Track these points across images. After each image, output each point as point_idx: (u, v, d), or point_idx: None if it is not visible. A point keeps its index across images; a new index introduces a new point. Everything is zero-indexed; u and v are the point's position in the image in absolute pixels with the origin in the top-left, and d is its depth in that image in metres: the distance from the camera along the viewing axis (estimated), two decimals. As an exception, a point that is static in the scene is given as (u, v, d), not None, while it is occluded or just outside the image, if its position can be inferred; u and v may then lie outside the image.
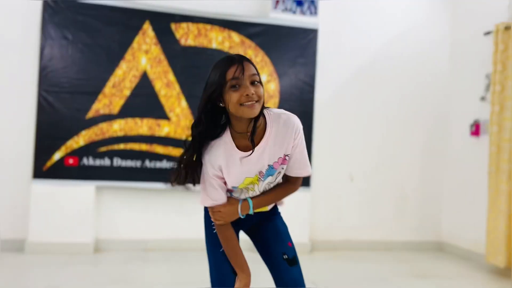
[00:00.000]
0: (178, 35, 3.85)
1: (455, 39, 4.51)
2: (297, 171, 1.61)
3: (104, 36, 3.71)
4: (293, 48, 4.06)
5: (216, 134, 1.50)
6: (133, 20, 3.77)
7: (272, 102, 4.01)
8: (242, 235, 1.78)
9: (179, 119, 3.84)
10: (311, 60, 4.09)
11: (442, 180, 4.53)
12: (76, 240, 3.67)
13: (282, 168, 1.60)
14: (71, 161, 3.67)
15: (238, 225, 1.68)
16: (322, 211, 4.27)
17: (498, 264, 3.55)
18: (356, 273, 3.56)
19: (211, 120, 1.47)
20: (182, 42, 3.87)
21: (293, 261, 1.65)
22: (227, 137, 1.51)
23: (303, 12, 4.09)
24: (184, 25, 3.86)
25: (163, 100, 3.82)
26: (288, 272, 1.62)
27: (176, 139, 3.82)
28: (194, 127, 1.49)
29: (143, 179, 3.80)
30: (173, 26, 3.84)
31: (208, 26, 3.90)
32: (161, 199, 3.93)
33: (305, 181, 4.04)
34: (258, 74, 1.47)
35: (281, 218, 1.79)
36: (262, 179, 1.57)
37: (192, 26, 3.88)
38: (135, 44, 3.77)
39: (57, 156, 3.63)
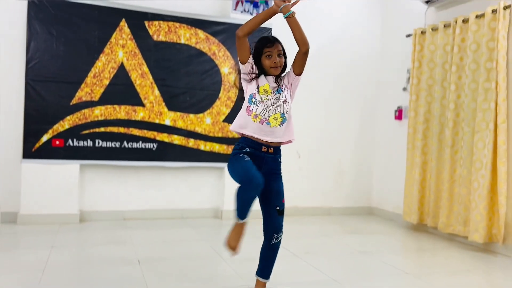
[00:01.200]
0: (151, 31, 4.39)
1: (383, 39, 5.40)
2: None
3: (85, 31, 4.18)
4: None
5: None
6: (111, 17, 4.26)
7: (233, 91, 4.68)
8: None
9: (152, 106, 4.42)
10: (265, 55, 4.79)
11: (372, 156, 5.46)
12: (63, 212, 4.19)
13: (287, 92, 2.32)
14: (57, 142, 4.15)
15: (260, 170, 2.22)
16: (275, 183, 5.04)
17: (412, 221, 4.52)
18: (301, 231, 4.37)
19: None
20: (155, 37, 4.42)
21: (282, 212, 2.31)
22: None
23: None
24: (156, 23, 4.41)
25: (138, 89, 4.37)
26: (276, 219, 2.29)
27: (150, 122, 4.41)
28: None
29: (121, 158, 4.36)
30: (146, 23, 4.38)
31: (177, 24, 4.47)
32: (137, 175, 4.51)
33: (261, 158, 4.79)
34: (283, 49, 2.28)
35: (281, 178, 2.36)
36: (274, 92, 2.27)
37: (163, 24, 4.43)
38: (113, 39, 4.27)
39: (44, 138, 4.10)
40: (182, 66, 4.50)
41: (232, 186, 4.58)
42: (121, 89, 4.32)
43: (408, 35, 4.82)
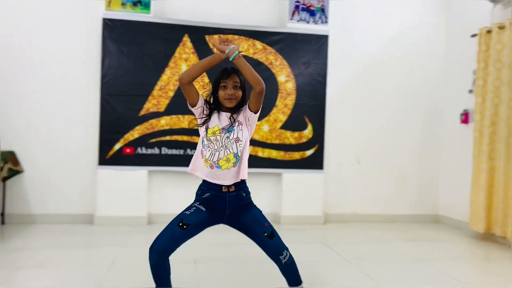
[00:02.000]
0: (211, 45, 4.64)
1: (447, 39, 5.20)
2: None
3: (151, 48, 4.53)
4: (307, 52, 4.82)
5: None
6: (174, 33, 4.57)
7: (290, 98, 4.79)
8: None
9: (213, 115, 4.66)
10: (322, 62, 4.84)
11: (437, 162, 5.26)
12: (133, 214, 4.55)
13: (241, 130, 2.18)
14: (128, 150, 4.53)
15: (220, 217, 2.23)
16: (334, 189, 5.05)
17: (479, 230, 4.29)
18: (357, 237, 4.34)
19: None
20: (215, 50, 4.64)
21: (272, 235, 2.22)
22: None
23: (315, 22, 4.83)
24: (216, 36, 4.65)
25: (200, 99, 4.63)
26: (271, 243, 2.22)
27: (212, 131, 4.64)
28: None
29: (185, 164, 4.61)
30: (207, 37, 4.64)
31: (236, 36, 4.69)
32: (199, 181, 4.76)
33: (319, 165, 4.85)
34: (242, 82, 2.19)
35: (255, 206, 2.29)
36: (224, 132, 2.17)
37: (223, 37, 4.66)
38: (176, 54, 4.58)
39: (117, 146, 4.50)
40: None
41: (290, 192, 4.72)
42: (184, 100, 4.57)
43: (473, 35, 4.61)
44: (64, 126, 4.53)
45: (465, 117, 4.84)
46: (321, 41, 4.83)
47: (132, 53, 4.50)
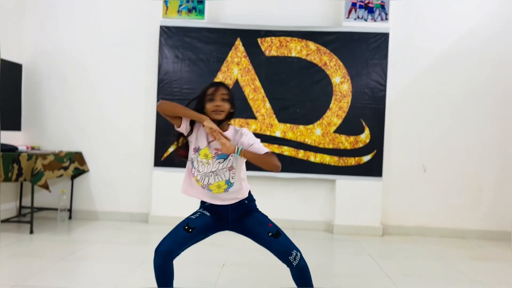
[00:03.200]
0: (263, 47, 4.60)
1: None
2: (260, 151, 2.09)
3: (205, 52, 4.62)
4: (365, 51, 4.54)
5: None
6: (227, 38, 4.61)
7: (345, 101, 4.55)
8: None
9: (264, 118, 4.60)
10: (382, 61, 4.53)
11: (521, 172, 4.60)
12: (184, 214, 4.64)
13: (231, 159, 2.10)
14: (180, 152, 4.64)
15: (225, 223, 2.18)
16: (395, 198, 4.67)
17: None
18: (411, 252, 3.92)
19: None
20: (267, 53, 4.61)
21: (277, 234, 2.08)
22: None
23: (374, 19, 4.54)
24: (268, 39, 4.60)
25: (251, 103, 4.61)
26: (277, 243, 2.07)
27: (262, 134, 4.58)
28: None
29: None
30: (259, 40, 4.60)
31: (288, 38, 4.59)
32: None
33: (377, 171, 4.53)
34: (230, 95, 2.13)
35: (258, 210, 2.23)
36: (216, 157, 2.10)
37: (275, 39, 4.60)
38: (229, 58, 4.62)
39: (171, 149, 4.65)
40: (292, 79, 4.58)
41: (344, 200, 4.46)
42: (236, 104, 4.60)
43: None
44: (127, 129, 4.81)
45: (553, 121, 4.17)
46: (381, 39, 4.52)
47: (186, 58, 4.63)
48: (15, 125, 4.68)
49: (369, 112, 4.55)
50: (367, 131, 4.55)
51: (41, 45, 4.80)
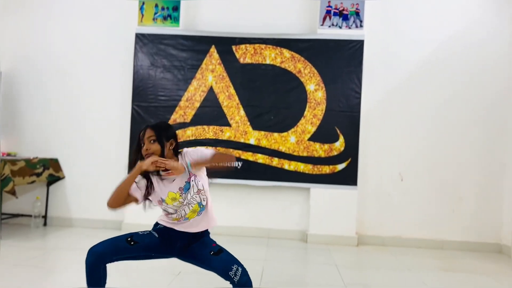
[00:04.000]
0: (237, 55, 4.59)
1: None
2: (207, 154, 2.14)
3: (179, 60, 4.62)
4: (339, 59, 4.50)
5: None
6: (202, 45, 4.61)
7: (319, 108, 4.50)
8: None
9: (238, 125, 4.56)
10: (357, 69, 4.48)
11: (502, 180, 4.47)
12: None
13: (193, 182, 2.12)
14: (155, 160, 4.62)
15: (172, 248, 2.17)
16: (371, 207, 4.58)
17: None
18: (388, 263, 3.82)
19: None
20: (241, 60, 4.59)
21: (219, 252, 2.10)
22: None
23: (349, 26, 4.50)
24: (242, 46, 4.59)
25: (225, 110, 4.58)
26: (217, 260, 2.06)
27: (236, 141, 4.54)
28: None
29: (209, 176, 4.58)
30: (234, 48, 4.59)
31: (263, 46, 4.57)
32: (225, 193, 4.67)
33: (352, 180, 4.46)
34: (159, 134, 2.15)
35: (207, 235, 2.23)
36: (183, 192, 2.10)
37: (249, 47, 4.58)
38: (203, 65, 4.61)
39: (145, 156, 4.62)
40: (267, 86, 4.56)
41: (318, 208, 4.38)
42: (210, 111, 4.60)
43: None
44: (103, 136, 4.81)
45: (531, 129, 4.06)
46: (355, 46, 4.47)
47: (161, 65, 4.63)
48: (-8, 131, 4.73)
49: (343, 120, 4.49)
50: (341, 139, 4.48)
51: (19, 52, 4.85)
